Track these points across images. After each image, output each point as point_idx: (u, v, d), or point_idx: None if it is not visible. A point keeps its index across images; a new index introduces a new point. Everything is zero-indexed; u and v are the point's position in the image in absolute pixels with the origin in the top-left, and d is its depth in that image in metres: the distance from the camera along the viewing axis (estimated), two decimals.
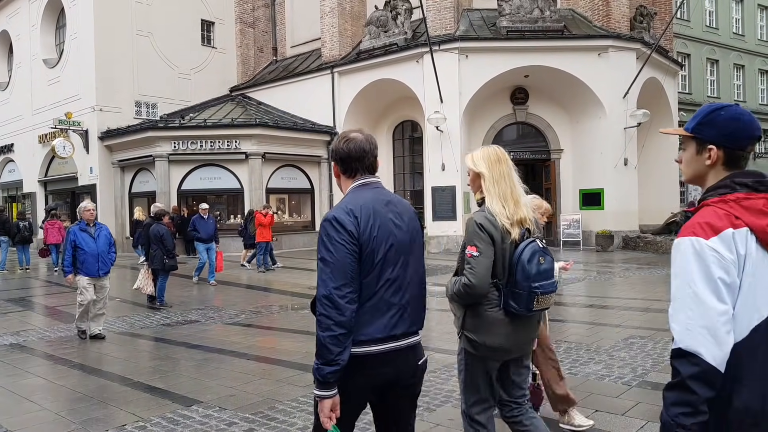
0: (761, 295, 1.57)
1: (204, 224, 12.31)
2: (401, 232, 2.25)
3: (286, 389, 4.90)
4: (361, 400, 2.28)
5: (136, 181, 20.00)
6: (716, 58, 31.41)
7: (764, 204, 1.60)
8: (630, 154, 17.76)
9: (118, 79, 20.03)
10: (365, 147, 2.28)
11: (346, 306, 2.05)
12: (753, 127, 1.69)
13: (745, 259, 1.55)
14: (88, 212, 7.38)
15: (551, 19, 17.43)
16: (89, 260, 7.22)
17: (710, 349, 1.49)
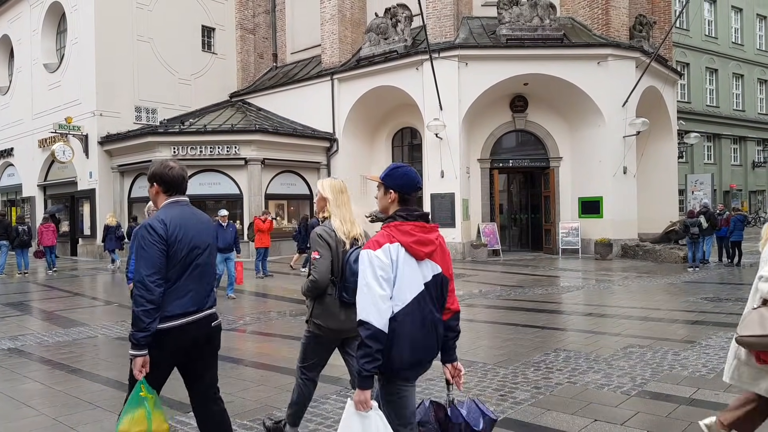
0: (407, 283, 2.56)
1: (222, 233, 11.39)
2: (202, 237, 3.13)
3: (284, 396, 4.87)
4: (170, 361, 3.10)
5: (136, 186, 19.99)
6: (715, 68, 31.54)
7: (410, 228, 2.60)
8: (629, 162, 17.79)
9: (119, 84, 20.07)
10: (183, 174, 3.24)
11: (154, 288, 2.86)
12: (415, 181, 2.72)
13: (397, 262, 2.53)
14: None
15: (551, 27, 17.50)
16: None
17: (377, 319, 2.45)
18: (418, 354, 2.57)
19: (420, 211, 2.67)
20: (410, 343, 2.53)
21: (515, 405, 4.49)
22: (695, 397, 4.60)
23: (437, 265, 2.67)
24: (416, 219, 2.63)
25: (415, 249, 2.57)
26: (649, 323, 7.70)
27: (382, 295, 2.48)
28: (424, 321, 2.58)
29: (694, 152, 29.95)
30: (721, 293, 10.17)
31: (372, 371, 2.44)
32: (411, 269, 2.56)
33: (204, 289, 3.14)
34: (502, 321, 8.24)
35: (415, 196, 2.71)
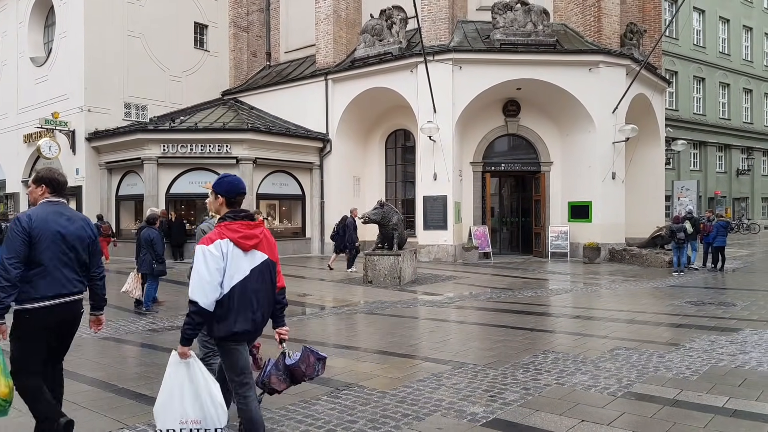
0: (235, 269, 3.24)
1: None
2: (69, 231, 3.73)
3: (274, 397, 4.86)
4: (41, 338, 3.66)
5: (124, 184, 19.85)
6: (703, 76, 31.92)
7: (237, 226, 3.29)
8: (618, 168, 17.97)
9: (108, 80, 19.91)
10: (67, 181, 3.96)
11: (11, 270, 3.47)
12: (239, 188, 3.44)
13: (227, 254, 3.21)
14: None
15: (544, 33, 17.65)
16: None
17: (202, 299, 3.15)
18: (246, 324, 3.28)
19: (245, 212, 3.38)
20: (238, 315, 3.24)
21: (505, 406, 4.56)
22: (679, 398, 4.69)
23: (263, 254, 3.39)
24: (242, 219, 3.33)
25: (241, 243, 3.27)
26: (635, 326, 7.81)
27: (208, 280, 3.16)
28: (252, 298, 3.30)
29: (681, 159, 30.29)
30: (705, 297, 10.31)
31: (191, 336, 3.23)
32: (239, 258, 3.26)
33: (73, 276, 3.76)
34: (492, 323, 8.31)
35: (241, 199, 3.44)
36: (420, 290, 11.93)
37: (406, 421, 4.28)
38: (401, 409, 4.53)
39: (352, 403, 4.68)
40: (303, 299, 11.03)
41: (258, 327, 3.41)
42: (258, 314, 3.35)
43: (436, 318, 8.92)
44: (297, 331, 8.01)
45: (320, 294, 11.73)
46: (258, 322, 3.38)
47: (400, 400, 4.73)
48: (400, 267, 12.51)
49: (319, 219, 20.55)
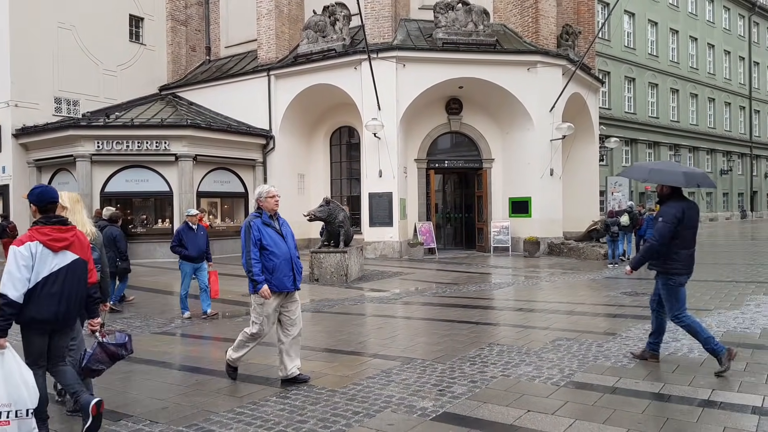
0: (41, 267, 3.71)
1: (193, 237, 8.97)
2: None
3: (221, 400, 4.82)
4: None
5: (55, 182, 18.92)
6: (633, 77, 33.33)
7: (48, 230, 3.76)
8: (555, 164, 18.55)
9: (37, 74, 18.95)
10: None
11: None
12: (48, 197, 3.91)
13: (36, 255, 3.67)
14: (274, 199, 5.26)
15: (484, 33, 17.99)
16: (282, 267, 5.16)
17: (12, 292, 3.57)
18: (48, 314, 3.73)
19: (58, 218, 3.88)
20: (41, 306, 3.69)
21: (453, 399, 4.64)
22: (618, 386, 4.89)
23: (74, 254, 3.87)
24: (53, 224, 3.81)
25: (50, 244, 3.74)
26: (574, 317, 8.10)
27: (18, 277, 3.62)
28: (58, 292, 3.75)
29: (614, 156, 31.55)
30: (638, 288, 10.79)
31: (5, 326, 3.57)
32: (48, 257, 3.73)
33: None
34: (438, 318, 8.43)
35: (52, 207, 3.91)
36: (367, 287, 11.96)
37: (357, 418, 4.29)
38: (351, 406, 4.54)
39: (302, 403, 4.65)
40: (247, 299, 10.81)
41: (61, 317, 3.82)
42: (62, 306, 3.79)
43: (384, 314, 8.98)
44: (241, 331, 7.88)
45: None
46: (62, 313, 3.81)
47: (350, 398, 4.73)
48: (346, 264, 12.50)
49: None
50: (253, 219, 5.21)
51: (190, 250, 8.89)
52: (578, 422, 4.09)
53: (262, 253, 5.09)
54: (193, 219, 9.10)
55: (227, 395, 4.94)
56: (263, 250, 5.10)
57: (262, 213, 5.25)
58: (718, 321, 7.40)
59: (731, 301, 8.85)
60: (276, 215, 5.31)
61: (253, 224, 5.15)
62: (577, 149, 21.17)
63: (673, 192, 5.43)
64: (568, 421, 4.12)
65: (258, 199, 5.29)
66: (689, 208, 5.30)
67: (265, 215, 5.23)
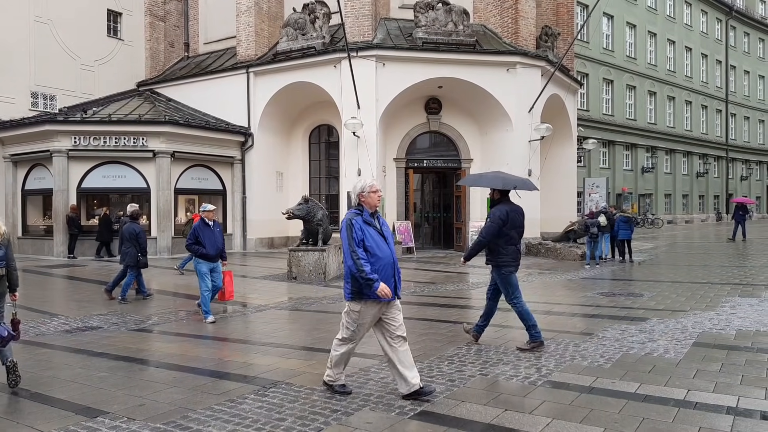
0: None
1: (210, 234, 8.46)
2: None
3: (199, 397, 4.79)
4: None
5: (31, 178, 18.66)
6: (611, 79, 33.78)
7: None
8: (534, 165, 18.71)
9: (12, 68, 18.62)
10: None
11: None
12: None
13: None
14: (377, 195, 4.72)
15: (464, 33, 18.08)
16: (384, 272, 4.57)
17: None
18: None
19: None
20: None
21: (432, 398, 4.66)
22: (594, 385, 4.95)
23: None
24: None
25: None
26: (551, 317, 8.19)
27: None
28: None
29: (592, 157, 31.96)
30: (614, 288, 10.96)
31: None
32: None
33: None
34: (416, 317, 8.46)
35: None
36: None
37: (336, 416, 4.29)
38: (330, 405, 4.54)
39: (280, 401, 4.64)
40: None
41: None
42: None
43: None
44: (220, 329, 7.85)
45: (243, 291, 11.49)
46: None
47: (329, 396, 4.73)
48: (325, 263, 12.49)
49: (240, 214, 20.12)
50: (354, 216, 4.60)
51: (208, 248, 8.38)
52: (555, 421, 4.14)
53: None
54: (209, 215, 8.61)
55: (205, 393, 4.91)
56: (365, 252, 4.51)
57: (363, 210, 4.63)
58: (693, 322, 7.50)
59: (706, 303, 8.98)
60: (376, 214, 4.74)
61: (355, 222, 4.55)
62: (555, 150, 21.39)
63: (502, 197, 6.45)
64: (546, 420, 4.16)
65: (360, 194, 4.65)
66: (513, 211, 6.32)
67: (366, 213, 4.63)
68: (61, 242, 17.39)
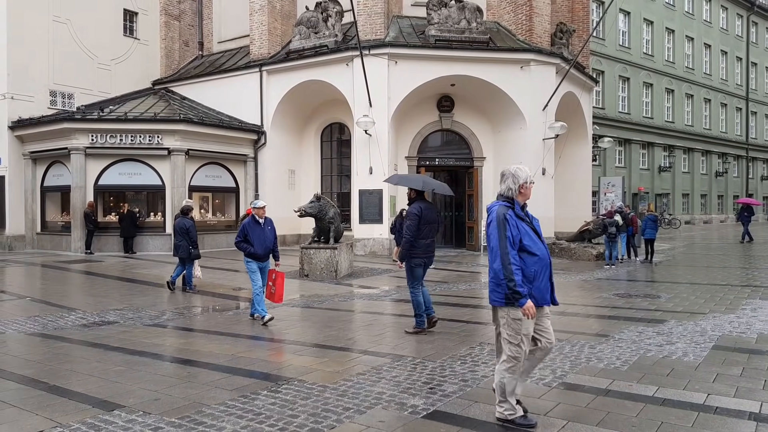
0: None
1: (260, 232, 8.01)
2: None
3: (213, 392, 4.83)
4: None
5: (50, 175, 18.95)
6: (627, 76, 33.42)
7: None
8: (548, 164, 18.59)
9: (32, 67, 18.88)
10: None
11: None
12: None
13: None
14: (527, 189, 4.17)
15: (477, 30, 17.99)
16: (542, 275, 4.08)
17: None
18: None
19: None
20: None
21: (444, 398, 4.65)
22: (611, 388, 4.89)
23: None
24: None
25: None
26: (566, 318, 8.12)
27: None
28: None
29: (607, 156, 31.67)
30: (631, 289, 10.86)
31: None
32: None
33: None
34: None
35: None
36: (356, 284, 11.98)
37: (348, 414, 4.30)
38: (342, 402, 4.55)
39: (293, 398, 4.66)
40: (237, 293, 10.87)
41: None
42: None
43: (373, 311, 8.99)
44: (232, 325, 7.90)
45: None
46: None
47: (341, 394, 4.75)
48: (336, 261, 12.52)
49: None
50: (506, 210, 3.98)
51: (257, 246, 7.93)
52: (571, 424, 4.08)
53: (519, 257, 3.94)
54: (260, 212, 8.11)
55: (219, 388, 4.95)
56: (521, 252, 3.95)
57: (514, 203, 4.07)
58: (713, 325, 7.36)
59: (726, 305, 8.84)
60: (525, 207, 4.19)
61: (509, 217, 3.95)
62: (570, 149, 21.23)
63: (417, 196, 7.13)
64: (561, 422, 4.11)
65: (521, 185, 4.06)
66: (426, 208, 6.97)
67: (518, 206, 4.08)
68: (79, 238, 17.62)
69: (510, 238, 3.89)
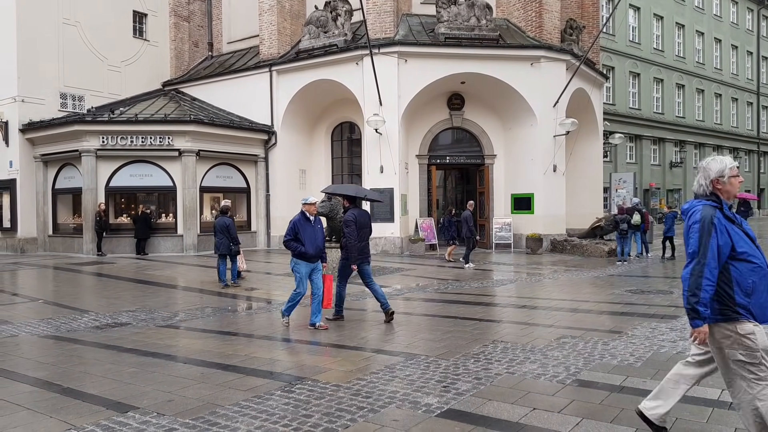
0: None
1: (311, 231, 7.46)
2: None
3: (227, 393, 4.83)
4: None
5: (61, 177, 19.07)
6: (638, 72, 33.18)
7: None
8: (559, 160, 18.50)
9: (43, 69, 19.01)
10: None
11: None
12: None
13: None
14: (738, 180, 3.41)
15: (487, 27, 17.92)
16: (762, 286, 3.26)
17: None
18: None
19: None
20: None
21: (458, 396, 4.63)
22: (625, 384, 4.87)
23: None
24: None
25: None
26: (579, 314, 8.08)
27: None
28: None
29: (618, 152, 31.46)
30: (643, 286, 10.78)
31: None
32: None
33: None
34: (440, 314, 8.43)
35: None
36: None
37: (362, 413, 4.29)
38: (356, 402, 4.54)
39: (307, 398, 4.65)
40: (250, 293, 10.89)
41: None
42: None
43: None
44: (246, 325, 7.91)
45: (267, 288, 11.59)
46: None
47: (355, 393, 4.73)
48: None
49: (264, 212, 20.28)
50: (712, 211, 3.25)
51: (308, 246, 7.36)
52: (585, 421, 4.07)
53: (732, 267, 3.20)
54: (311, 208, 7.54)
55: (232, 389, 4.95)
56: (736, 261, 3.22)
57: (722, 202, 3.32)
58: None
59: None
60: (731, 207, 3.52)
61: (717, 222, 3.22)
62: (581, 145, 21.10)
63: (350, 203, 7.94)
64: (575, 419, 4.10)
65: (717, 179, 3.30)
66: (360, 215, 7.81)
67: (725, 205, 3.34)
68: (90, 240, 17.73)
69: (715, 247, 3.18)
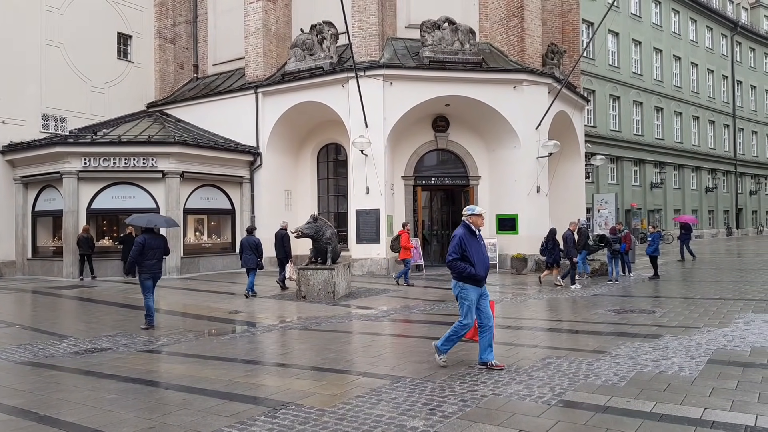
0: None
1: (477, 247, 6.25)
2: None
3: (209, 420, 4.75)
4: None
5: (41, 199, 18.82)
6: (618, 95, 33.78)
7: None
8: (542, 182, 18.68)
9: (24, 90, 18.85)
10: None
11: None
12: None
13: None
14: None
15: (470, 51, 18.18)
16: None
17: None
18: None
19: None
20: None
21: (444, 419, 4.60)
22: (609, 404, 4.88)
23: None
24: None
25: None
26: (563, 335, 8.11)
27: None
28: None
29: (599, 173, 31.85)
30: (626, 305, 10.84)
31: None
32: None
33: None
34: (427, 335, 8.40)
35: None
36: (354, 304, 11.90)
37: None
38: (341, 426, 4.49)
39: (291, 423, 4.59)
40: (233, 317, 10.77)
41: None
42: None
43: (371, 332, 8.92)
44: (228, 349, 7.81)
45: (251, 311, 11.47)
46: None
47: (340, 418, 4.68)
48: (334, 281, 12.45)
49: None
50: None
51: (478, 267, 6.09)
52: None
53: None
54: (478, 220, 6.34)
55: (215, 414, 4.87)
56: None
57: None
58: (707, 339, 7.40)
59: (720, 319, 8.89)
60: None
61: None
62: (563, 166, 21.36)
63: (144, 230, 9.69)
64: None
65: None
66: (150, 238, 9.46)
67: None
68: (71, 263, 17.46)
69: None
